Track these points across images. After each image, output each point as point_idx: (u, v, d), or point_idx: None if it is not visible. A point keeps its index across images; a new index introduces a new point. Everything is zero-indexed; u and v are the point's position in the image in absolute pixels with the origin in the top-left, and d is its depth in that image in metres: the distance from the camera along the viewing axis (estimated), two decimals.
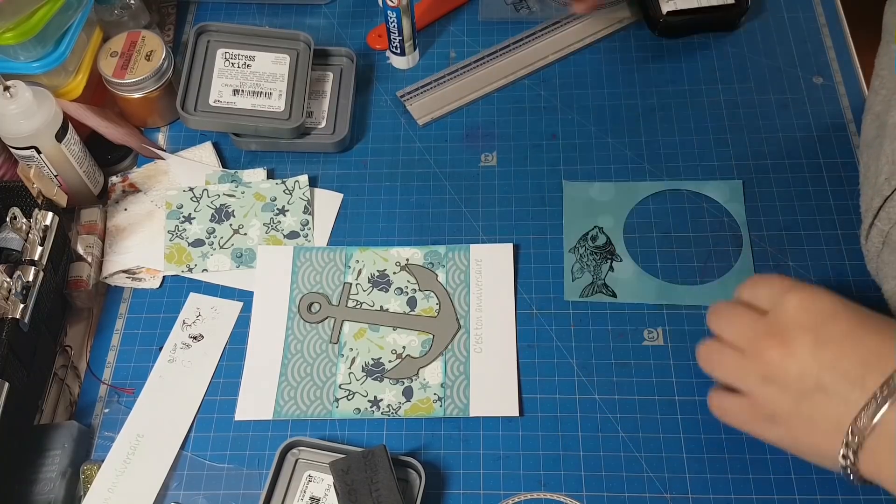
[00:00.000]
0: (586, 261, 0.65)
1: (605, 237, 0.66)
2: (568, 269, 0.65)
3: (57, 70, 0.68)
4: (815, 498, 0.55)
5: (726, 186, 0.68)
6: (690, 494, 0.56)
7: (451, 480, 0.57)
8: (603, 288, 0.64)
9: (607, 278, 0.65)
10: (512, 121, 0.74)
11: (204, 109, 0.71)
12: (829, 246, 0.65)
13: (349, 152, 0.73)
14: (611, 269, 0.65)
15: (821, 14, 0.78)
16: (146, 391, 0.62)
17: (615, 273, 0.65)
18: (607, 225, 0.67)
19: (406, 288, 0.65)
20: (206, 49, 0.73)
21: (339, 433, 0.60)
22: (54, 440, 0.58)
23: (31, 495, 0.56)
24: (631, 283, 0.64)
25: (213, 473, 0.59)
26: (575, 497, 0.56)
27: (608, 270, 0.65)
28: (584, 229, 0.67)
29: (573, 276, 0.65)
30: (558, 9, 0.79)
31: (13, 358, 0.57)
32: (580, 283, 0.65)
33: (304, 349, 0.63)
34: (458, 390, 0.60)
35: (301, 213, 0.69)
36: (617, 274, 0.65)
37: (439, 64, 0.77)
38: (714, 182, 0.68)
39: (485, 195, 0.70)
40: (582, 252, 0.66)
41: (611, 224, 0.67)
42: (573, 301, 0.64)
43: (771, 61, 0.75)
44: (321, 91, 0.74)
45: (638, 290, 0.64)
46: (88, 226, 0.68)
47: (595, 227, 0.67)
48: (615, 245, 0.66)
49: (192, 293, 0.66)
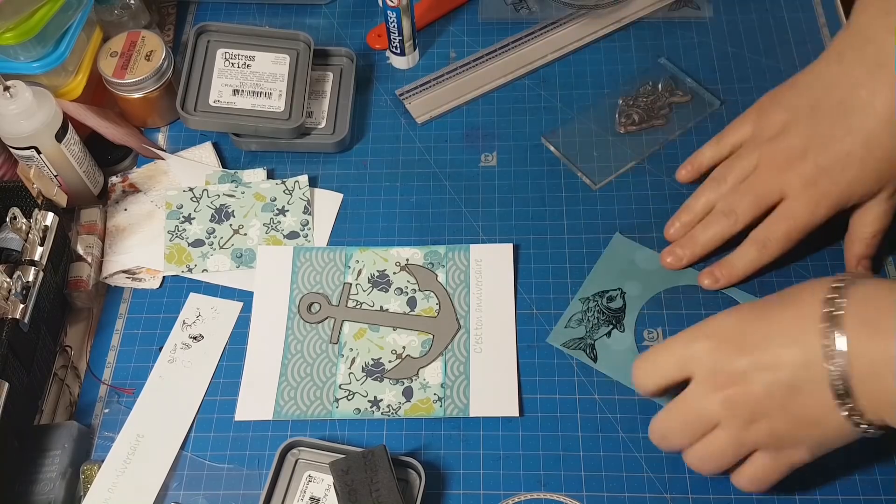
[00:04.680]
0: (590, 316, 0.62)
1: (622, 302, 0.63)
2: (567, 315, 0.63)
3: (57, 70, 0.68)
4: (815, 498, 0.55)
5: None
6: (690, 494, 0.56)
7: (451, 480, 0.57)
8: (588, 348, 0.61)
9: (598, 342, 0.61)
10: (512, 121, 0.74)
11: (204, 109, 0.71)
12: (829, 246, 0.65)
13: (349, 152, 0.73)
14: (608, 335, 0.61)
15: (821, 14, 0.78)
16: (146, 391, 0.62)
17: (609, 340, 0.61)
18: (632, 292, 0.63)
19: (406, 288, 0.65)
20: (206, 49, 0.73)
21: (339, 433, 0.60)
22: (54, 440, 0.58)
23: (31, 495, 0.56)
24: (617, 357, 0.61)
25: (213, 473, 0.59)
26: (575, 497, 0.56)
27: (604, 335, 0.62)
28: (608, 287, 0.63)
29: (567, 323, 0.62)
30: (558, 9, 0.79)
31: (13, 358, 0.57)
32: (569, 334, 0.62)
33: (304, 349, 0.63)
34: (458, 390, 0.61)
35: (301, 213, 0.69)
36: (610, 342, 0.61)
37: (439, 64, 0.77)
38: None
39: (485, 195, 0.70)
40: (591, 306, 0.62)
41: (636, 293, 0.63)
42: (552, 346, 0.62)
43: (771, 61, 0.75)
44: (321, 91, 0.74)
45: (620, 367, 0.60)
46: (88, 226, 0.68)
47: (619, 288, 0.63)
48: (627, 314, 0.62)
49: (192, 293, 0.66)
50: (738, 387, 0.48)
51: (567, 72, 0.76)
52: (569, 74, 0.76)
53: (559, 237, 0.67)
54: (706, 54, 0.76)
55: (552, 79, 0.76)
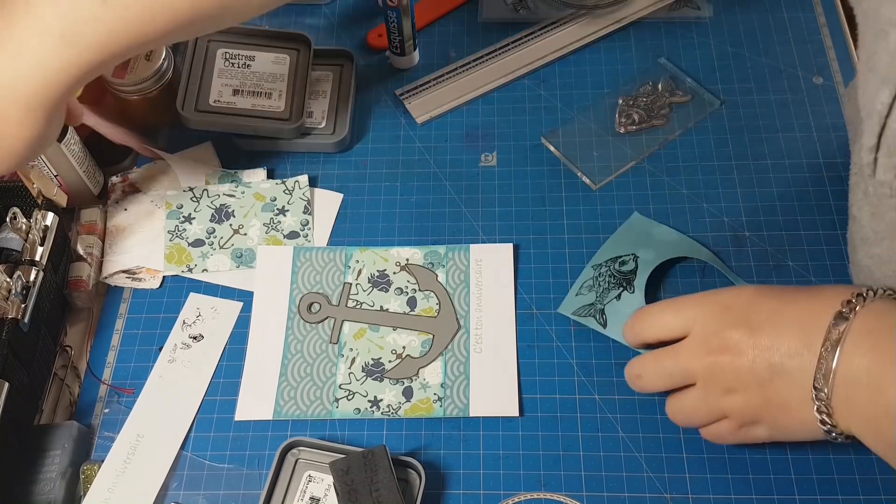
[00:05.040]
0: (601, 281, 0.62)
1: (633, 265, 0.62)
2: (580, 283, 0.63)
3: None
4: (815, 498, 0.55)
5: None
6: (690, 494, 0.56)
7: (451, 480, 0.57)
8: (598, 314, 0.61)
9: (608, 306, 0.61)
10: (512, 121, 0.74)
11: (204, 109, 0.71)
12: (829, 246, 0.65)
13: (349, 152, 0.73)
14: (618, 297, 0.61)
15: (821, 14, 0.78)
16: (146, 391, 0.62)
17: (618, 303, 0.61)
18: (645, 257, 0.62)
19: (406, 288, 0.65)
20: (206, 49, 0.73)
21: (339, 433, 0.60)
22: (54, 440, 0.58)
23: (31, 495, 0.56)
24: (626, 320, 0.59)
25: (213, 473, 0.59)
26: (575, 497, 0.56)
27: (613, 298, 0.61)
28: (620, 253, 0.63)
29: (579, 291, 0.62)
30: (558, 9, 0.79)
31: (13, 358, 0.57)
32: (580, 301, 0.62)
33: (304, 349, 0.63)
34: (458, 390, 0.60)
35: (301, 213, 0.69)
36: (619, 305, 0.61)
37: (439, 64, 0.77)
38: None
39: (485, 195, 0.70)
40: (602, 272, 0.62)
41: (649, 257, 0.62)
42: (563, 316, 0.62)
43: (771, 61, 0.75)
44: (321, 91, 0.74)
45: None
46: (88, 226, 0.68)
47: (632, 254, 0.63)
48: (638, 276, 0.61)
49: (192, 293, 0.66)
50: (727, 356, 0.49)
51: (567, 72, 0.76)
52: (569, 74, 0.76)
53: (559, 237, 0.67)
54: (706, 54, 0.76)
55: (552, 79, 0.76)
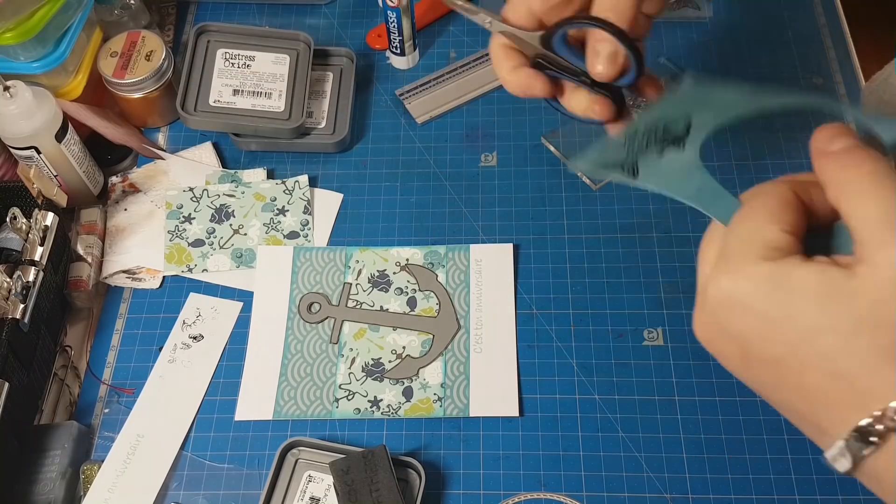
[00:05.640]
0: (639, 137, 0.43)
1: (685, 125, 0.43)
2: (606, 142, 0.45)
3: (57, 70, 0.68)
4: (815, 498, 0.55)
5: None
6: (690, 494, 0.56)
7: (451, 480, 0.57)
8: (628, 167, 0.43)
9: (642, 161, 0.43)
10: (512, 121, 0.74)
11: (204, 109, 0.71)
12: None
13: (349, 152, 0.73)
14: (659, 153, 0.42)
15: (821, 14, 0.78)
16: (146, 391, 0.62)
17: (660, 159, 0.42)
18: (700, 119, 0.43)
19: (406, 288, 0.65)
20: (206, 49, 0.73)
21: (339, 433, 0.60)
22: (54, 440, 0.58)
23: (31, 495, 0.56)
24: (670, 171, 0.42)
25: (213, 473, 0.59)
26: (575, 497, 0.56)
27: (653, 154, 0.42)
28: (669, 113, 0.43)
29: (608, 145, 0.45)
30: None
31: (13, 358, 0.57)
32: (605, 157, 0.43)
33: (304, 349, 0.63)
34: (458, 390, 0.61)
35: (301, 213, 0.69)
36: (661, 161, 0.42)
37: (439, 64, 0.77)
38: None
39: (485, 195, 0.70)
40: (640, 129, 0.43)
41: (706, 120, 0.43)
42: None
43: (771, 61, 0.75)
44: (321, 91, 0.74)
45: (672, 180, 0.41)
46: (88, 226, 0.68)
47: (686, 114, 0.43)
48: (691, 134, 0.42)
49: (192, 293, 0.66)
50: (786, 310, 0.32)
51: None
52: None
53: (559, 237, 0.67)
54: (706, 54, 0.76)
55: None
